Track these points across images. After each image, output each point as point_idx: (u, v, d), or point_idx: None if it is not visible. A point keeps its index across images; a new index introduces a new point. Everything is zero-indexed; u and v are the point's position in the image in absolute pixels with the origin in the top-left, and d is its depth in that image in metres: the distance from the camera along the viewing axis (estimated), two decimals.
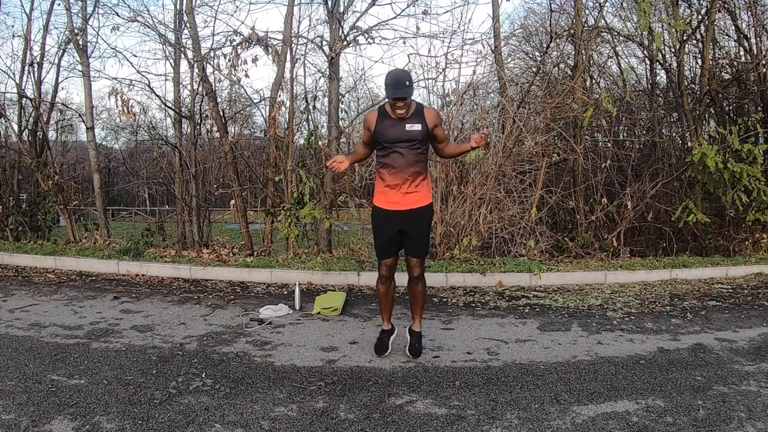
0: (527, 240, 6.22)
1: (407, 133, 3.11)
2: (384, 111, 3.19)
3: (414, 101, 3.21)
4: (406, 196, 3.18)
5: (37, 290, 5.04)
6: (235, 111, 8.40)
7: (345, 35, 6.60)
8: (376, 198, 3.30)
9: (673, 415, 2.56)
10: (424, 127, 3.13)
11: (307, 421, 2.50)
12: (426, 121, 3.14)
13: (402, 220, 3.20)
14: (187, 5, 6.84)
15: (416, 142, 3.13)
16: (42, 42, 7.91)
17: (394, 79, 3.03)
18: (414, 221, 3.21)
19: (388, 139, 3.15)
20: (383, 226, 3.26)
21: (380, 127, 3.16)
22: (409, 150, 3.13)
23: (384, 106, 3.22)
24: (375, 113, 3.23)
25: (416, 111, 3.15)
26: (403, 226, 3.20)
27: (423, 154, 3.22)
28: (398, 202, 3.19)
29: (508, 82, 7.10)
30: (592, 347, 3.58)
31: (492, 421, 2.52)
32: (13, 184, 8.01)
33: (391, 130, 3.13)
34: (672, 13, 7.07)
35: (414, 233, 3.22)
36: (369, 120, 3.25)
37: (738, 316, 4.32)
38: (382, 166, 3.24)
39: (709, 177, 6.35)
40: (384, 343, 3.41)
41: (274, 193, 6.84)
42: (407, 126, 3.11)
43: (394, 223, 3.21)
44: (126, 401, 2.65)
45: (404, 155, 3.14)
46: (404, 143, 3.12)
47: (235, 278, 5.61)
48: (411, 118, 3.13)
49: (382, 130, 3.16)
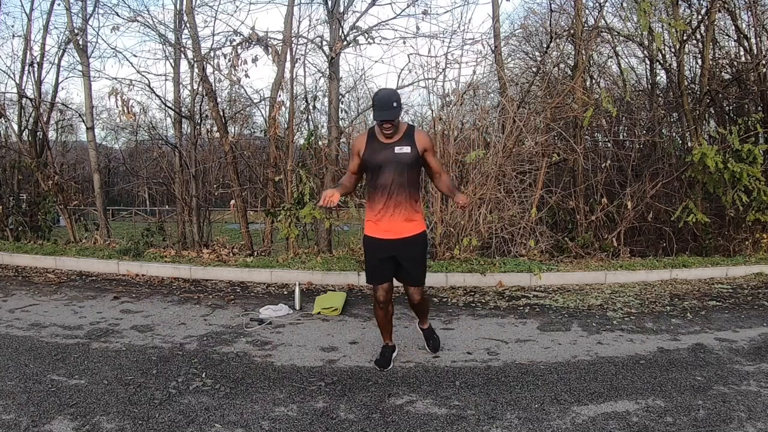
0: (527, 240, 6.22)
1: (396, 156, 2.97)
2: (373, 134, 3.06)
3: (406, 123, 3.11)
4: (397, 225, 3.03)
5: (37, 290, 5.04)
6: (235, 111, 8.41)
7: (345, 35, 6.60)
8: (366, 227, 3.16)
9: (673, 415, 2.56)
10: (414, 151, 2.99)
11: (307, 421, 2.50)
12: (416, 145, 3.00)
13: (395, 248, 3.05)
14: (187, 5, 6.84)
15: (406, 165, 2.98)
16: (42, 42, 7.92)
17: (381, 100, 2.91)
18: (407, 250, 3.05)
19: (377, 164, 2.99)
20: (374, 254, 3.11)
21: (369, 152, 3.02)
22: (399, 174, 2.98)
23: (373, 129, 3.09)
24: (363, 136, 3.09)
25: (406, 133, 3.02)
26: (396, 253, 3.05)
27: (414, 177, 3.06)
28: (390, 231, 3.04)
29: (508, 82, 7.10)
30: (592, 347, 3.58)
31: (492, 421, 2.52)
32: (13, 184, 8.01)
33: (380, 153, 2.99)
34: (672, 13, 7.07)
35: (405, 262, 3.07)
36: (357, 144, 3.10)
37: (738, 316, 4.32)
38: (371, 191, 3.08)
39: (709, 177, 6.35)
40: (387, 358, 3.25)
41: (274, 193, 6.84)
42: (396, 149, 2.97)
43: (386, 250, 3.06)
44: (126, 401, 2.65)
45: (394, 179, 2.98)
46: (393, 166, 2.97)
47: (235, 278, 5.61)
48: (401, 140, 2.99)
49: (371, 155, 3.01)
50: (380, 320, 3.26)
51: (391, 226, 3.04)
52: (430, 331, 3.47)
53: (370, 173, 3.08)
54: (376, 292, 3.14)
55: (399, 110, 2.94)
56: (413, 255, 3.09)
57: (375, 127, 3.08)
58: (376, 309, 3.21)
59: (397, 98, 2.94)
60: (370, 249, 3.14)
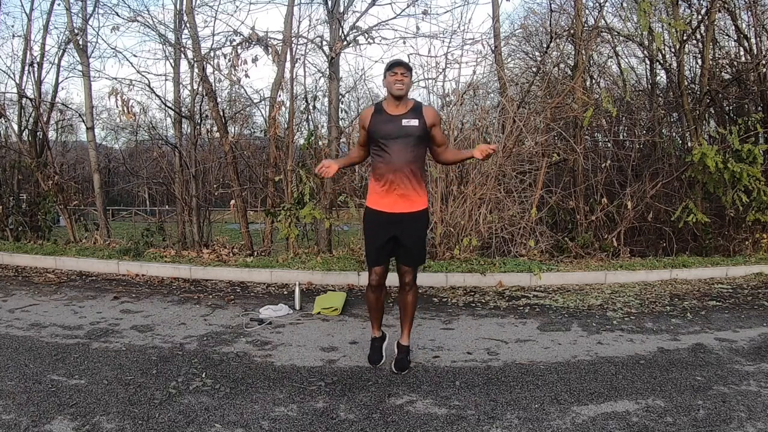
0: (527, 240, 6.22)
1: (404, 129, 2.94)
2: (380, 107, 3.04)
3: (413, 99, 3.10)
4: (401, 199, 2.97)
5: (37, 290, 5.04)
6: (235, 111, 8.41)
7: (345, 35, 6.60)
8: (369, 199, 3.09)
9: (673, 415, 2.56)
10: (421, 123, 2.96)
11: (307, 421, 2.50)
12: (424, 118, 2.98)
13: (396, 224, 2.99)
14: (187, 5, 6.84)
15: (413, 138, 2.95)
16: (42, 42, 7.93)
17: (394, 59, 3.03)
18: (408, 226, 3.00)
19: (384, 135, 2.96)
20: (375, 230, 3.05)
21: (375, 123, 2.99)
22: (405, 147, 2.94)
23: (381, 102, 3.08)
24: (370, 109, 3.07)
25: (414, 107, 3.01)
26: (397, 232, 2.99)
27: (420, 153, 3.03)
28: (392, 204, 2.98)
29: (508, 82, 7.10)
30: (592, 347, 3.58)
31: (492, 421, 2.51)
32: (13, 184, 8.01)
33: (387, 125, 2.96)
34: (672, 13, 7.07)
35: (408, 240, 3.01)
36: (364, 117, 3.08)
37: (738, 316, 4.32)
38: (376, 164, 3.03)
39: (709, 177, 6.35)
40: (378, 352, 3.21)
41: (274, 193, 6.84)
42: (404, 121, 2.94)
43: (388, 228, 3.00)
44: (126, 401, 2.65)
45: (400, 153, 2.94)
46: (401, 140, 2.94)
47: (235, 278, 5.61)
48: (408, 113, 2.97)
49: (376, 126, 2.98)
50: (371, 303, 3.19)
51: (394, 200, 2.98)
52: (406, 350, 3.17)
53: (375, 145, 3.02)
54: (369, 275, 3.10)
55: (411, 70, 2.99)
56: (416, 230, 3.03)
57: (383, 102, 3.07)
58: (368, 291, 3.16)
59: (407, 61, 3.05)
60: (371, 223, 3.08)
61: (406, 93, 2.99)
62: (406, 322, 3.19)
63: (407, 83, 2.96)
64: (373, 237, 3.06)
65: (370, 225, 3.09)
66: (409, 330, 3.21)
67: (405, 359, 3.13)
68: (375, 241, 3.05)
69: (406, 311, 3.18)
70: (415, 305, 3.21)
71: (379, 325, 3.27)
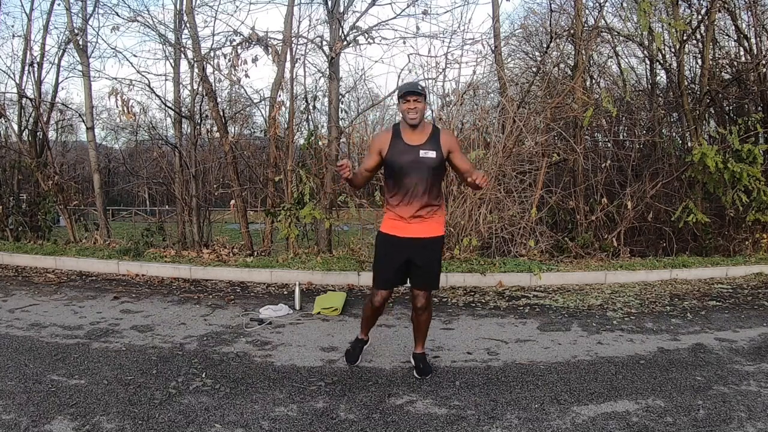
0: (527, 240, 6.22)
1: (421, 160, 2.86)
2: (398, 131, 2.94)
3: (431, 123, 3.04)
4: (417, 225, 2.92)
5: (37, 290, 5.04)
6: (235, 111, 8.41)
7: (345, 35, 6.60)
8: (384, 224, 3.02)
9: (673, 415, 2.56)
10: (439, 155, 2.88)
11: (307, 421, 2.50)
12: (441, 148, 2.90)
13: (410, 248, 2.92)
14: (187, 5, 6.84)
15: (430, 169, 2.87)
16: (42, 42, 7.93)
17: (408, 83, 2.96)
18: (424, 251, 2.93)
19: (401, 166, 2.87)
20: (390, 252, 2.97)
21: (393, 152, 2.89)
22: (421, 178, 2.86)
23: (398, 127, 2.97)
24: (388, 134, 2.95)
25: (432, 136, 2.92)
26: (412, 256, 2.92)
27: (438, 181, 2.97)
28: (408, 229, 2.93)
29: (508, 82, 7.10)
30: (592, 347, 3.58)
31: (492, 421, 2.51)
32: (13, 184, 8.01)
33: (405, 156, 2.87)
34: (672, 13, 7.07)
35: (423, 264, 2.93)
36: (381, 142, 2.95)
37: (738, 316, 4.32)
38: (393, 191, 2.96)
39: (709, 177, 6.35)
40: (356, 353, 3.24)
41: (274, 193, 6.84)
42: (421, 152, 2.86)
43: (402, 251, 2.93)
44: (126, 401, 2.65)
45: (417, 184, 2.87)
46: (417, 171, 2.86)
47: (235, 278, 5.61)
48: (426, 144, 2.89)
49: (394, 156, 2.89)
50: (367, 314, 3.17)
51: (412, 226, 2.93)
52: (423, 356, 3.17)
53: (391, 173, 2.95)
54: (374, 296, 3.04)
55: (425, 94, 2.88)
56: (430, 257, 2.96)
57: (399, 125, 2.98)
58: (368, 304, 3.12)
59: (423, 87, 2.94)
60: (384, 248, 3.01)
61: (421, 119, 2.91)
62: (419, 337, 3.17)
63: (421, 110, 2.88)
64: (387, 259, 2.99)
65: (383, 247, 3.02)
66: (422, 342, 3.19)
67: (424, 364, 3.12)
68: (388, 264, 2.98)
69: (419, 329, 3.15)
70: (428, 324, 3.15)
71: (368, 330, 3.29)
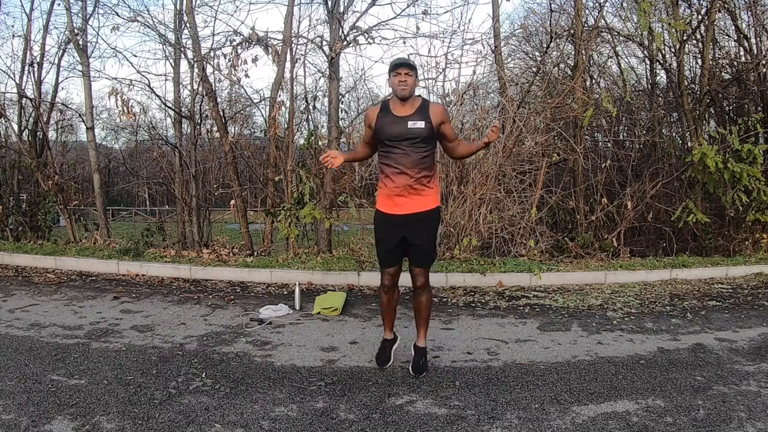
0: (527, 240, 6.22)
1: (410, 131, 2.89)
2: (386, 106, 3.00)
3: (420, 97, 3.04)
4: (409, 200, 2.94)
5: (37, 290, 5.04)
6: (235, 111, 8.40)
7: (345, 35, 6.60)
8: (378, 202, 3.08)
9: (673, 415, 2.56)
10: (428, 125, 2.90)
11: (307, 421, 2.50)
12: (431, 118, 2.91)
13: (405, 225, 2.96)
14: (187, 5, 6.84)
15: (419, 140, 2.89)
16: (42, 42, 7.93)
17: (397, 57, 3.05)
18: (417, 227, 2.96)
19: (390, 137, 2.92)
20: (385, 232, 3.04)
21: (381, 124, 2.96)
22: (411, 149, 2.90)
23: (387, 102, 3.04)
24: (377, 108, 3.03)
25: (420, 107, 2.95)
26: (406, 233, 2.96)
27: (429, 153, 2.96)
28: (401, 206, 2.95)
29: (508, 82, 7.10)
30: (592, 347, 3.58)
31: (492, 421, 2.51)
32: (13, 184, 8.01)
33: (393, 127, 2.92)
34: (672, 13, 7.07)
35: (417, 241, 2.96)
36: (370, 115, 3.05)
37: (738, 316, 4.32)
38: (383, 167, 3.00)
39: (709, 177, 6.35)
40: (386, 353, 3.21)
41: (274, 193, 6.84)
42: (410, 123, 2.89)
43: (397, 230, 2.98)
44: (126, 401, 2.65)
45: (407, 155, 2.90)
46: (407, 141, 2.89)
47: (235, 278, 5.61)
48: (414, 114, 2.92)
49: (383, 127, 2.95)
50: (383, 306, 3.19)
51: (403, 201, 2.95)
52: (423, 352, 3.15)
53: (382, 146, 3.01)
54: (382, 276, 3.11)
55: (415, 69, 2.92)
56: (424, 231, 2.98)
57: (390, 100, 3.04)
58: (381, 293, 3.17)
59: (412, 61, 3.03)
60: (380, 225, 3.06)
61: (411, 93, 2.94)
62: (421, 324, 3.15)
63: (411, 83, 2.91)
64: (384, 240, 3.05)
65: (379, 227, 3.07)
66: (424, 332, 3.17)
67: (421, 362, 3.10)
68: (385, 244, 3.04)
69: (420, 314, 3.13)
70: (430, 307, 3.15)
71: (390, 326, 3.26)
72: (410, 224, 2.96)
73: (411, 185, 2.93)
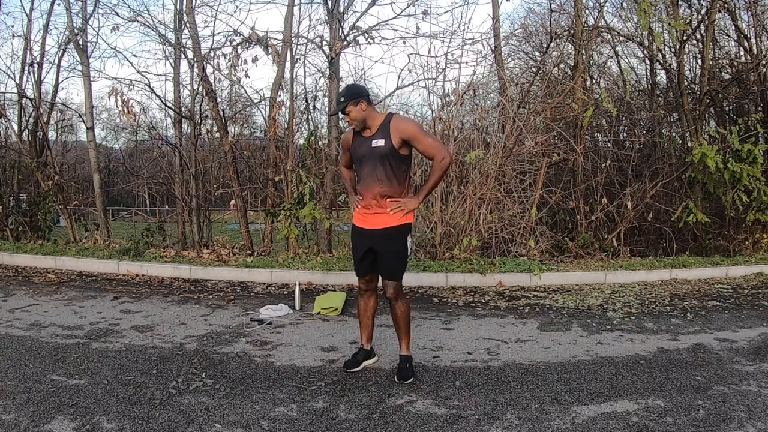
0: (527, 240, 6.22)
1: (372, 150, 2.94)
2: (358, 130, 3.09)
3: (385, 113, 3.05)
4: (373, 216, 3.01)
5: (37, 290, 5.04)
6: (235, 111, 8.42)
7: (345, 35, 6.60)
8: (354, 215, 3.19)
9: (673, 415, 2.56)
10: (387, 142, 2.90)
11: (307, 421, 2.50)
12: (390, 136, 2.90)
13: (369, 238, 3.03)
14: (187, 5, 6.84)
15: (380, 158, 2.93)
16: (42, 42, 7.94)
17: (334, 103, 3.11)
18: (380, 242, 3.00)
19: (358, 157, 3.04)
20: (355, 242, 3.14)
21: (353, 146, 3.08)
22: (374, 167, 2.95)
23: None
24: (351, 133, 3.12)
25: (382, 125, 2.96)
26: (372, 244, 3.02)
27: (393, 170, 2.96)
28: (367, 221, 3.04)
29: (508, 82, 7.10)
30: (592, 347, 3.58)
31: (492, 421, 2.51)
32: (13, 184, 8.02)
33: (360, 148, 3.01)
34: (672, 13, 7.07)
35: (382, 254, 3.01)
36: (346, 140, 3.18)
37: (738, 316, 4.32)
38: (357, 182, 3.14)
39: (709, 177, 6.35)
40: (356, 359, 3.20)
41: (274, 193, 6.84)
42: (373, 142, 2.95)
43: (364, 240, 3.05)
44: (126, 401, 2.65)
45: (371, 173, 2.97)
46: (370, 160, 2.96)
47: (235, 278, 5.61)
48: (377, 133, 2.95)
49: (354, 149, 3.07)
50: (359, 311, 3.23)
51: (369, 216, 3.04)
52: (407, 360, 3.10)
53: (355, 165, 3.13)
54: (358, 282, 3.21)
55: (344, 103, 2.93)
56: (386, 247, 3.00)
57: None
58: (357, 299, 3.25)
59: (346, 92, 2.97)
60: (353, 237, 3.18)
61: (362, 122, 2.98)
62: (400, 334, 3.14)
63: (355, 116, 2.95)
64: (354, 249, 3.16)
65: (352, 238, 3.20)
66: (406, 342, 3.14)
67: (405, 369, 3.05)
68: (355, 253, 3.14)
69: (396, 324, 3.13)
70: (405, 318, 3.10)
71: (367, 336, 3.24)
72: (375, 238, 3.02)
73: (374, 202, 2.99)
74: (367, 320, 3.22)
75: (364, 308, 3.21)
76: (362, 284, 3.18)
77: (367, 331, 3.24)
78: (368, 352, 3.25)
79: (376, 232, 3.01)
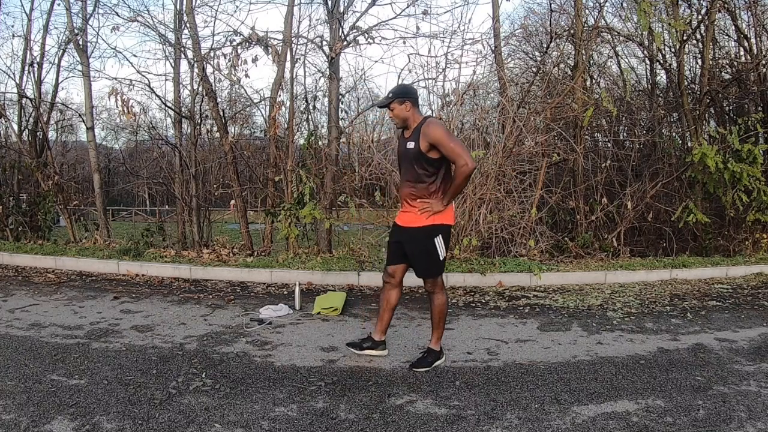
0: (527, 240, 6.22)
1: (406, 151, 3.09)
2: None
3: (422, 116, 3.10)
4: (402, 213, 3.18)
5: (37, 290, 5.04)
6: (235, 111, 8.41)
7: (345, 35, 6.60)
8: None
9: (673, 415, 2.56)
10: (416, 146, 3.01)
11: (307, 421, 2.50)
12: (419, 140, 2.99)
13: (398, 234, 3.20)
14: (187, 5, 6.84)
15: (410, 159, 3.05)
16: (42, 42, 7.93)
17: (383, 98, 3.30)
18: (405, 239, 3.13)
19: (398, 156, 3.26)
20: (391, 232, 3.35)
21: (396, 145, 3.33)
22: (406, 167, 3.11)
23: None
24: (400, 131, 3.30)
25: (416, 128, 3.06)
26: (400, 240, 3.18)
27: (420, 173, 3.03)
28: (399, 216, 3.23)
29: (508, 82, 7.10)
30: (592, 347, 3.58)
31: (492, 421, 2.51)
32: (13, 184, 8.02)
33: (399, 147, 3.22)
34: (672, 13, 7.07)
35: (408, 252, 3.15)
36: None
37: (738, 316, 4.32)
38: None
39: (709, 177, 6.35)
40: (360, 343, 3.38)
41: (274, 193, 6.84)
42: (407, 144, 3.08)
43: (394, 234, 3.27)
44: (126, 401, 2.65)
45: (405, 174, 3.13)
46: (404, 160, 3.13)
47: (235, 278, 5.61)
48: (411, 136, 3.08)
49: (396, 148, 3.32)
50: (380, 301, 3.35)
51: (401, 213, 3.21)
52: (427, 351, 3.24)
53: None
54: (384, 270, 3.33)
55: (391, 99, 3.09)
56: (411, 246, 3.13)
57: None
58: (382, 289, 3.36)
59: (395, 89, 3.13)
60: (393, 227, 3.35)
61: (403, 123, 3.13)
62: (432, 326, 3.23)
63: (396, 115, 3.11)
64: (389, 238, 3.37)
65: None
66: (435, 334, 3.22)
67: (422, 358, 3.21)
68: (389, 241, 3.35)
69: (431, 315, 3.23)
70: (438, 312, 3.17)
71: (381, 328, 3.35)
72: (402, 235, 3.17)
73: (406, 200, 3.15)
74: (384, 312, 3.33)
75: (384, 299, 3.32)
76: (384, 276, 3.30)
77: (382, 322, 3.35)
78: (376, 342, 3.36)
79: (402, 230, 3.17)
